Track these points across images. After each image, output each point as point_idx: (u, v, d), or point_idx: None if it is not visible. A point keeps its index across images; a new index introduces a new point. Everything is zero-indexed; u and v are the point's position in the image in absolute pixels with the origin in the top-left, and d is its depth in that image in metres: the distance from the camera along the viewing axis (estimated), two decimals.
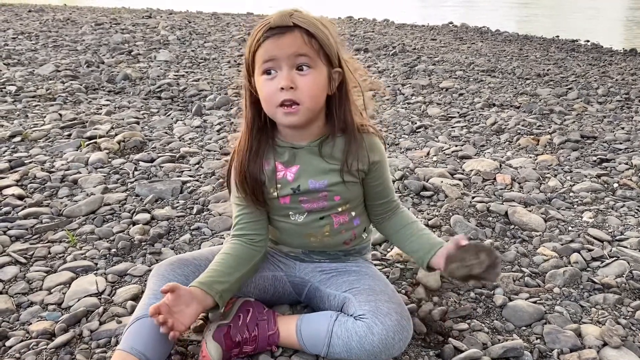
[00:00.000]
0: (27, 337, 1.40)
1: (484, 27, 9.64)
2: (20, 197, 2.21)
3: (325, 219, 1.37)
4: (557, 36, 8.60)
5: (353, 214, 1.41)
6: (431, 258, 1.33)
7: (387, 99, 4.13)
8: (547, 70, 5.40)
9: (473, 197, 2.26)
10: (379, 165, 1.36)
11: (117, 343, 1.36)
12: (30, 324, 1.45)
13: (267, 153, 1.34)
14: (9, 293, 1.59)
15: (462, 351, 1.33)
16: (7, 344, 1.37)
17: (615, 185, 2.43)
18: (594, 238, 1.93)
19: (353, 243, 1.44)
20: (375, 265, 1.71)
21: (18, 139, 2.92)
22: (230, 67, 5.19)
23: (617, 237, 1.94)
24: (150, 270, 1.68)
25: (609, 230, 2.00)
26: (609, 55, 6.65)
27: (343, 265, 1.44)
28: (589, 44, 7.83)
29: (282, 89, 1.19)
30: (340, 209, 1.37)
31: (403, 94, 4.27)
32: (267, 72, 1.22)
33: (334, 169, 1.32)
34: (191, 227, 2.00)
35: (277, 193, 1.33)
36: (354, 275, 1.40)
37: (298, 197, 1.33)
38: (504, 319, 1.49)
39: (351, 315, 1.27)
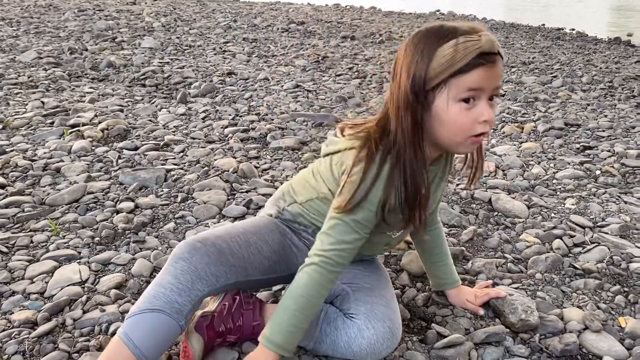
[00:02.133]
0: (8, 327, 1.38)
1: (470, 15, 9.65)
2: (2, 186, 2.18)
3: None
4: (543, 24, 8.64)
5: None
6: (448, 288, 1.50)
7: (374, 87, 4.13)
8: (533, 59, 5.43)
9: (457, 185, 2.27)
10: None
11: (100, 332, 1.36)
12: (12, 313, 1.44)
13: None
14: None
15: (445, 336, 1.34)
16: None
17: (598, 172, 2.45)
18: (576, 224, 1.95)
19: None
20: None
21: None
22: (215, 54, 5.15)
23: (599, 224, 1.96)
24: (134, 259, 1.68)
25: (591, 217, 2.02)
26: (594, 44, 6.69)
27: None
28: (574, 32, 7.87)
29: (486, 121, 1.07)
30: None
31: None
32: (466, 100, 1.06)
33: (443, 184, 1.32)
34: (175, 216, 1.99)
35: None
36: (361, 268, 1.37)
37: None
38: (486, 304, 1.50)
39: (341, 311, 1.27)
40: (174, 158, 2.55)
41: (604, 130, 3.07)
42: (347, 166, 1.15)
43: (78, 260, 1.69)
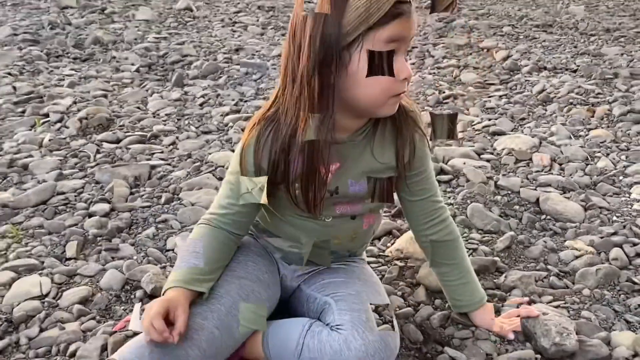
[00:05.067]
0: None
1: None
2: None
3: (357, 219, 1.42)
4: None
5: (380, 211, 1.51)
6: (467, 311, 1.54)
7: (413, 63, 4.16)
8: (619, 24, 5.34)
9: (499, 181, 2.29)
10: (420, 148, 1.38)
11: (58, 352, 1.46)
12: None
13: None
14: None
15: None
16: None
17: None
18: None
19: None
20: (371, 263, 1.78)
21: None
22: (223, 26, 5.27)
23: None
24: (104, 270, 1.78)
25: None
26: None
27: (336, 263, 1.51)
28: None
29: (405, 79, 1.18)
30: (373, 210, 1.44)
31: (433, 56, 4.29)
32: None
33: (383, 167, 1.35)
34: (157, 220, 2.08)
35: None
36: (342, 276, 1.45)
37: (333, 200, 1.35)
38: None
39: (327, 325, 1.32)
40: (162, 152, 2.65)
41: None
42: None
43: (40, 271, 1.80)
